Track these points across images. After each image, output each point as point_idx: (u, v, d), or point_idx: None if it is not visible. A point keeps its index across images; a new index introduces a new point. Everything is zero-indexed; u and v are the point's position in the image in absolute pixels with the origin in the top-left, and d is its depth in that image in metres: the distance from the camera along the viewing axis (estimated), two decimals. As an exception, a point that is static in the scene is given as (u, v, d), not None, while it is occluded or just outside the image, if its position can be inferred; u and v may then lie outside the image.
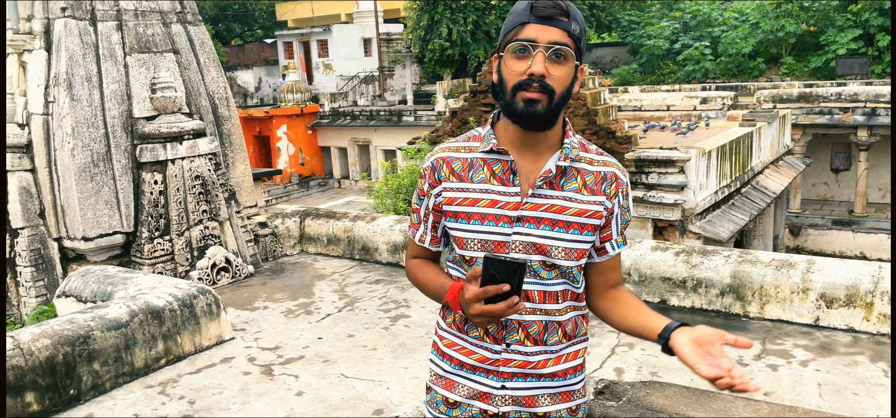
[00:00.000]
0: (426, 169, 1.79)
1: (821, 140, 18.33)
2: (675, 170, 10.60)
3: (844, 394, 3.73)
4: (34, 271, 5.70)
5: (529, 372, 1.74)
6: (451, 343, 1.80)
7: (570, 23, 1.62)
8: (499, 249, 1.68)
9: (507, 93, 1.64)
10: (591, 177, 1.72)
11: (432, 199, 1.78)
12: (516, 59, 1.62)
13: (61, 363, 4.27)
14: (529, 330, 1.72)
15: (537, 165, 1.70)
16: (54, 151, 5.72)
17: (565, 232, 1.69)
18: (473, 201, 1.70)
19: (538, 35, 1.60)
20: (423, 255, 1.90)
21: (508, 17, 1.68)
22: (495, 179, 1.69)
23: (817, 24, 22.82)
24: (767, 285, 4.73)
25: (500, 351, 1.73)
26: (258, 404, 4.20)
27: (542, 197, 1.68)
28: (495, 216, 1.68)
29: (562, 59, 1.62)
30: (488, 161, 1.71)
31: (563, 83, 1.63)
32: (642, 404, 3.09)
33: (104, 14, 5.85)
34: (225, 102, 6.68)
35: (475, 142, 1.75)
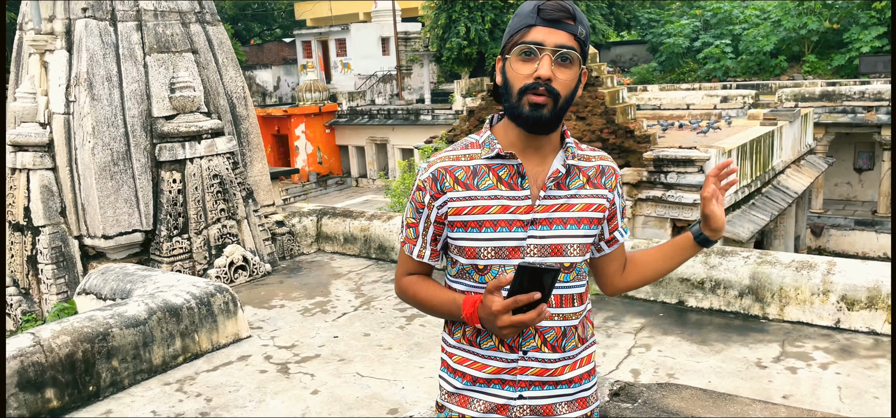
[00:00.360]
0: (425, 180, 1.74)
1: (844, 139, 18.08)
2: (694, 170, 10.50)
3: (865, 398, 3.67)
4: (55, 269, 5.77)
5: (547, 379, 1.73)
6: (462, 358, 1.77)
7: (576, 26, 1.62)
8: (513, 255, 1.67)
9: (512, 96, 1.62)
10: (593, 172, 1.74)
11: (434, 211, 1.73)
12: (522, 62, 1.61)
13: (81, 360, 4.31)
14: (546, 336, 1.71)
15: (543, 167, 1.70)
16: (75, 150, 5.78)
17: (577, 228, 1.70)
18: (484, 209, 1.67)
19: (545, 38, 1.59)
20: (420, 271, 1.84)
21: (514, 19, 1.66)
22: (503, 184, 1.67)
23: (841, 21, 22.52)
24: (787, 286, 4.67)
25: (515, 359, 1.71)
26: (274, 402, 4.22)
27: (552, 198, 1.69)
28: (508, 221, 1.66)
29: (568, 63, 1.61)
30: (494, 167, 1.69)
31: (569, 87, 1.63)
32: (658, 406, 3.07)
33: (124, 14, 5.91)
34: (243, 102, 6.72)
35: (475, 149, 1.72)
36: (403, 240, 1.83)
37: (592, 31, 23.60)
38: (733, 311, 4.93)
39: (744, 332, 4.63)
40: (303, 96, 25.87)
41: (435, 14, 23.94)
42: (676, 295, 5.19)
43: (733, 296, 4.92)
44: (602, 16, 24.72)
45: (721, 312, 4.97)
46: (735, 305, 4.91)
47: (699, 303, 5.08)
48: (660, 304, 5.25)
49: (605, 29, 24.91)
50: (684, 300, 5.15)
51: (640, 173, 10.87)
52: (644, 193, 10.89)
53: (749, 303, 4.85)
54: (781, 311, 4.71)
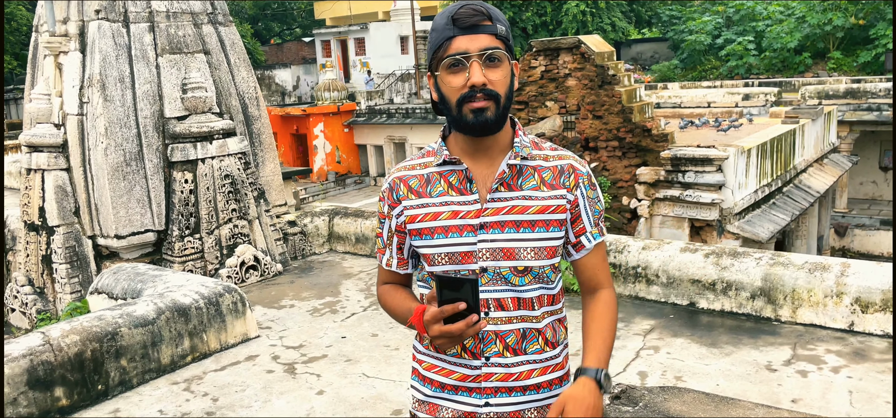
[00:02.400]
0: (384, 191, 1.78)
1: (869, 137, 17.75)
2: (712, 169, 10.37)
3: (877, 403, 3.59)
4: (69, 268, 5.84)
5: (512, 385, 1.70)
6: (431, 365, 1.77)
7: (494, 25, 1.62)
8: (466, 260, 1.66)
9: (452, 108, 1.64)
10: (549, 173, 1.71)
11: (394, 220, 1.76)
12: (452, 75, 1.61)
13: (90, 359, 4.36)
14: (507, 340, 1.69)
15: (492, 170, 1.69)
16: (88, 151, 5.85)
17: (531, 231, 1.67)
18: (435, 215, 1.68)
19: (468, 45, 1.59)
20: (393, 280, 1.86)
21: (431, 35, 1.66)
22: (453, 190, 1.69)
23: (866, 17, 22.11)
24: (800, 288, 4.58)
25: (479, 366, 1.69)
26: (279, 402, 4.23)
27: (501, 200, 1.67)
28: (458, 227, 1.66)
29: (497, 62, 1.62)
30: (444, 173, 1.70)
31: (505, 84, 1.63)
32: (659, 410, 3.02)
33: (137, 16, 5.96)
34: (255, 102, 6.75)
35: (429, 158, 1.75)
36: (377, 250, 1.88)
37: (613, 29, 23.44)
38: (745, 313, 4.85)
39: (755, 335, 4.55)
40: (321, 95, 25.99)
41: (453, 13, 23.89)
42: (687, 296, 5.12)
43: (745, 298, 4.84)
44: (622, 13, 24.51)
45: (732, 314, 4.90)
46: (747, 307, 4.83)
47: (710, 304, 5.01)
48: (671, 306, 5.18)
49: (625, 27, 24.70)
50: (695, 302, 5.08)
51: (657, 172, 10.76)
52: (661, 193, 10.78)
53: (761, 305, 4.77)
54: (794, 313, 4.62)
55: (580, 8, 21.96)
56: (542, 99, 11.85)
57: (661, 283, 5.24)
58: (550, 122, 11.77)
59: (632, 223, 11.05)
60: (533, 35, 22.46)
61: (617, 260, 5.45)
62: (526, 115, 12.08)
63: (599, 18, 22.76)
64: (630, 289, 5.41)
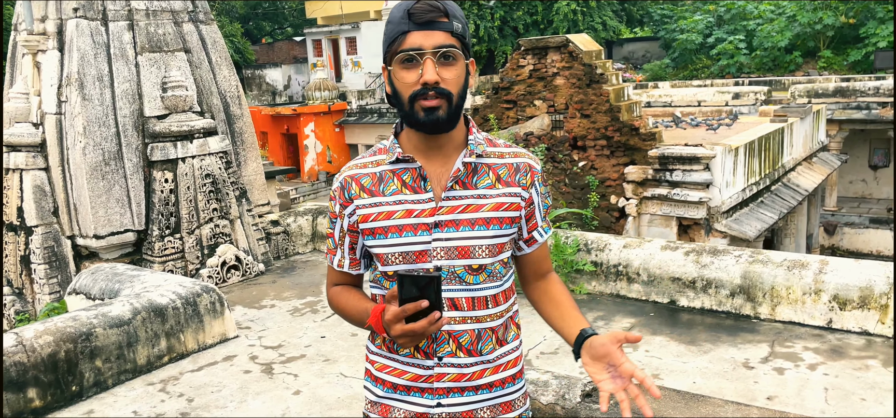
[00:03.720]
0: (335, 190, 1.75)
1: (858, 136, 17.80)
2: (700, 168, 10.37)
3: (851, 400, 3.58)
4: (48, 268, 5.80)
5: (464, 385, 1.68)
6: (383, 365, 1.75)
7: (451, 22, 1.59)
8: (421, 259, 1.64)
9: (404, 104, 1.61)
10: (504, 170, 1.69)
11: (346, 220, 1.73)
12: (405, 70, 1.59)
13: (63, 359, 4.32)
14: (461, 340, 1.67)
15: (446, 167, 1.67)
16: (67, 150, 5.80)
17: (486, 228, 1.65)
18: (389, 214, 1.66)
19: (422, 42, 1.56)
20: (345, 281, 1.83)
21: (387, 27, 1.63)
22: (407, 188, 1.66)
23: (857, 16, 22.16)
24: (779, 286, 4.57)
25: (432, 366, 1.67)
26: (255, 403, 4.20)
27: (456, 198, 1.65)
28: (413, 225, 1.64)
29: (451, 61, 1.59)
30: (397, 171, 1.68)
31: (458, 83, 1.61)
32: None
33: (115, 14, 5.92)
34: (237, 101, 6.71)
35: (381, 156, 1.72)
36: (326, 252, 1.84)
37: (604, 28, 23.44)
38: (725, 311, 4.84)
39: (734, 332, 4.54)
40: (312, 95, 25.91)
41: (444, 12, 23.85)
42: (668, 294, 5.11)
43: (725, 296, 4.83)
44: (613, 12, 24.52)
45: (712, 312, 4.89)
46: (726, 305, 4.82)
47: (691, 302, 4.99)
48: (651, 304, 5.17)
49: (616, 26, 24.71)
50: (676, 299, 5.07)
51: (645, 171, 10.76)
52: (649, 192, 10.78)
53: (740, 303, 4.76)
54: (773, 311, 4.62)
55: (571, 7, 21.95)
56: (531, 98, 11.84)
57: (642, 282, 5.22)
58: (539, 121, 11.75)
59: (620, 222, 11.04)
60: (524, 34, 22.45)
61: (598, 258, 5.43)
62: (514, 114, 12.07)
63: (590, 17, 22.76)
64: (611, 287, 5.39)
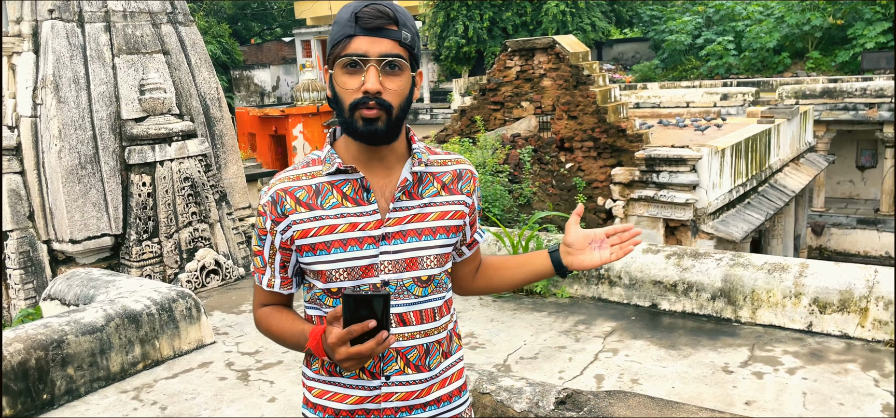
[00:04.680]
0: (265, 204, 1.63)
1: (846, 136, 17.86)
2: (686, 169, 10.37)
3: (830, 404, 3.54)
4: (23, 274, 5.71)
5: (413, 403, 1.62)
6: (322, 392, 1.65)
7: (400, 31, 1.52)
8: (367, 273, 1.57)
9: (344, 111, 1.54)
10: (448, 177, 1.66)
11: (278, 236, 1.63)
12: (347, 75, 1.51)
13: (34, 367, 4.24)
14: (409, 357, 1.60)
15: (390, 178, 1.60)
16: (42, 153, 5.72)
17: (433, 238, 1.60)
18: (330, 228, 1.57)
19: (368, 48, 1.49)
20: (274, 302, 1.72)
21: (333, 27, 1.56)
22: (348, 201, 1.58)
23: (845, 17, 22.24)
24: (759, 289, 4.54)
25: (378, 386, 1.60)
26: (229, 410, 4.14)
27: (403, 209, 1.59)
28: (358, 239, 1.56)
29: (396, 71, 1.52)
30: (336, 183, 1.59)
31: (401, 95, 1.54)
32: (603, 414, 2.96)
33: (92, 15, 5.84)
34: (217, 103, 6.64)
35: (317, 166, 1.63)
36: (253, 270, 1.73)
37: (593, 29, 23.44)
38: (706, 314, 4.80)
39: (714, 336, 4.51)
40: (301, 96, 25.79)
41: (433, 12, 23.82)
42: (650, 298, 5.07)
43: (706, 299, 4.80)
44: (603, 13, 24.53)
45: (693, 315, 4.85)
46: (707, 308, 4.79)
47: (672, 306, 4.96)
48: (633, 308, 5.13)
49: (606, 27, 24.70)
50: (657, 303, 5.03)
51: (632, 173, 10.75)
52: (636, 193, 10.76)
53: (721, 306, 4.73)
54: (754, 314, 4.59)
55: (560, 8, 21.94)
56: (518, 99, 11.80)
57: (623, 285, 5.19)
58: (526, 123, 11.72)
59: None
60: (513, 35, 22.42)
61: (580, 261, 5.39)
62: (501, 116, 12.03)
63: (580, 18, 22.75)
64: (593, 290, 5.35)
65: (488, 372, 3.37)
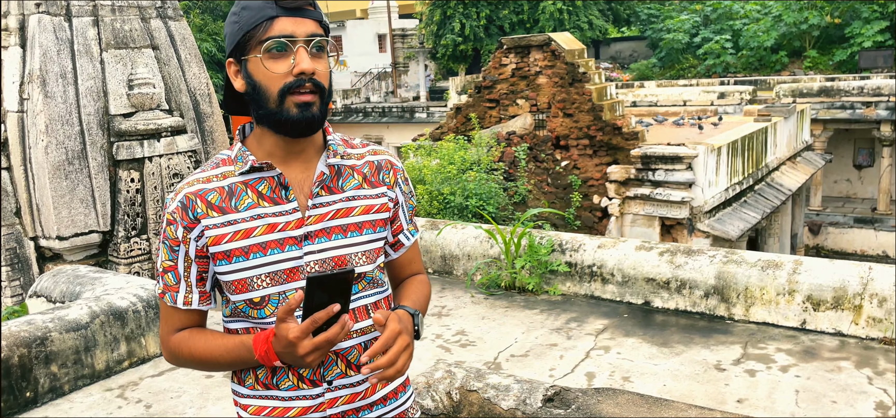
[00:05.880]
0: (174, 211, 1.47)
1: (843, 135, 17.83)
2: (682, 167, 10.32)
3: (822, 402, 3.49)
4: (10, 270, 5.65)
5: (359, 405, 1.55)
6: (260, 408, 1.52)
7: (318, 11, 1.46)
8: (292, 277, 1.46)
9: (271, 99, 1.43)
10: (368, 169, 1.57)
11: (192, 245, 1.48)
12: (274, 60, 1.42)
13: (17, 365, 4.17)
14: (349, 357, 1.52)
15: (308, 173, 1.51)
16: (29, 149, 5.66)
17: (359, 234, 1.51)
18: (247, 232, 1.45)
19: (294, 29, 1.41)
20: (191, 323, 1.54)
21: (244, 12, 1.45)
22: (264, 200, 1.47)
23: (842, 16, 22.22)
24: (752, 286, 4.49)
25: (321, 393, 1.50)
26: (215, 408, 4.08)
27: (324, 205, 1.49)
28: (278, 241, 1.46)
29: (321, 53, 1.45)
30: (251, 182, 1.48)
31: (327, 77, 1.47)
32: (591, 412, 2.91)
33: (79, 9, 5.78)
34: (207, 99, 6.58)
35: (227, 166, 1.50)
36: (161, 291, 1.53)
37: (590, 27, 23.40)
38: (699, 312, 4.75)
39: (707, 334, 4.45)
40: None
41: (430, 10, 23.77)
42: (643, 295, 5.02)
43: (699, 297, 4.74)
44: (600, 12, 24.48)
45: (686, 313, 4.80)
46: (700, 306, 4.74)
47: (665, 303, 4.90)
48: (626, 305, 5.07)
49: (603, 25, 24.67)
50: (650, 300, 4.98)
51: (627, 171, 10.70)
52: (632, 191, 10.71)
53: (715, 304, 4.67)
54: (747, 312, 4.53)
55: (557, 6, 21.90)
56: (514, 97, 11.75)
57: (616, 282, 5.13)
58: (521, 120, 11.67)
59: (602, 222, 10.97)
60: (510, 33, 22.38)
61: (573, 258, 5.34)
62: (497, 113, 11.97)
63: (577, 17, 22.71)
64: (585, 288, 5.30)
65: (476, 370, 3.31)
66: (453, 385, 3.18)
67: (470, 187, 9.03)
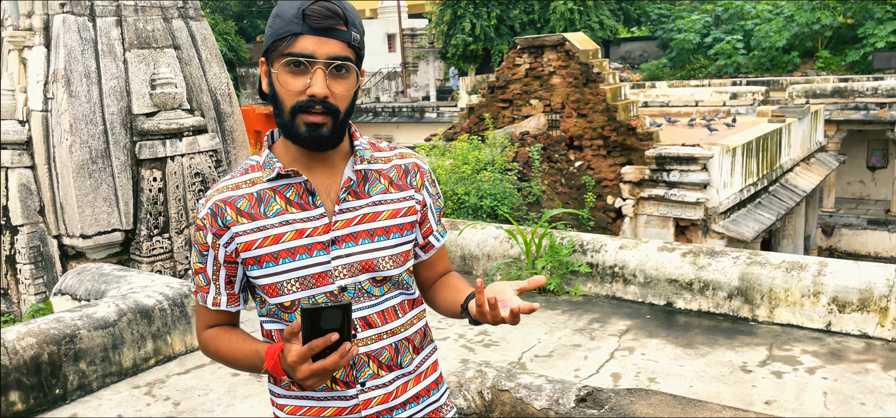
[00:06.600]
0: (204, 218, 1.52)
1: (856, 136, 17.75)
2: (697, 168, 10.30)
3: (851, 404, 3.49)
4: (33, 268, 5.70)
5: (392, 404, 1.56)
6: (296, 408, 1.55)
7: (349, 31, 1.44)
8: (321, 281, 1.49)
9: (285, 112, 1.45)
10: (394, 173, 1.57)
11: (221, 250, 1.52)
12: (291, 76, 1.42)
13: (46, 362, 4.22)
14: (381, 359, 1.54)
15: (334, 179, 1.52)
16: (53, 148, 5.70)
17: (386, 238, 1.52)
18: (276, 238, 1.48)
19: (315, 49, 1.40)
20: (221, 322, 1.60)
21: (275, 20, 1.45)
22: (293, 206, 1.49)
23: (855, 16, 22.12)
24: (777, 288, 4.49)
25: (355, 394, 1.53)
26: (242, 406, 4.11)
27: (350, 210, 1.51)
28: (306, 246, 1.48)
29: (344, 73, 1.44)
30: (279, 188, 1.50)
31: (347, 99, 1.47)
32: (625, 412, 2.92)
33: (103, 9, 5.82)
34: (227, 99, 6.62)
35: (256, 173, 1.53)
36: (194, 290, 1.61)
37: (600, 27, 23.37)
38: (722, 313, 4.75)
39: (731, 335, 4.46)
40: (309, 95, 25.75)
41: (440, 10, 23.77)
42: (665, 296, 5.02)
43: (722, 298, 4.74)
44: (611, 12, 24.45)
45: (709, 314, 4.80)
46: (724, 307, 4.74)
47: (687, 304, 4.91)
48: (648, 306, 5.08)
49: (613, 25, 24.63)
50: (673, 302, 4.98)
51: (642, 171, 10.69)
52: (646, 192, 10.70)
53: (738, 305, 4.67)
54: (771, 313, 4.53)
55: (568, 6, 21.88)
56: (527, 97, 11.75)
57: (638, 283, 5.14)
58: (535, 120, 11.67)
59: (616, 222, 10.96)
60: (520, 33, 22.37)
61: (594, 259, 5.35)
62: (510, 113, 11.98)
63: (587, 16, 22.69)
64: (607, 288, 5.30)
65: (506, 369, 3.33)
66: (485, 384, 3.20)
67: (484, 187, 9.05)
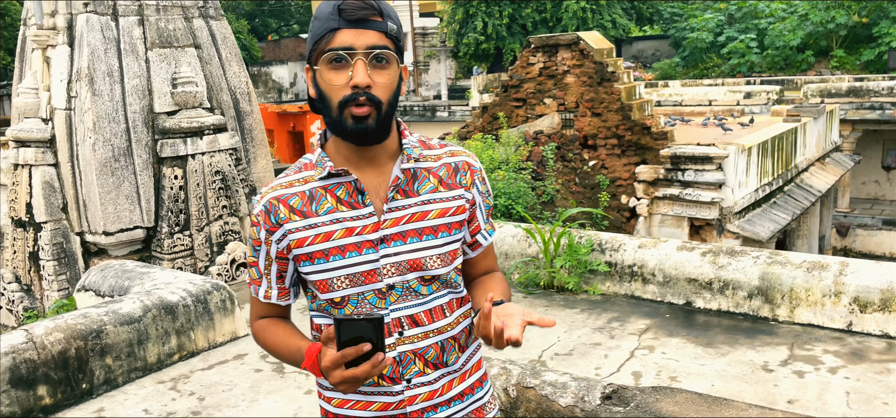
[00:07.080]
0: (259, 214, 1.58)
1: (871, 136, 17.64)
2: (712, 167, 10.28)
3: (874, 404, 3.50)
4: (56, 265, 5.77)
5: (437, 401, 1.59)
6: (343, 401, 1.59)
7: (385, 22, 1.48)
8: (369, 279, 1.52)
9: (332, 110, 1.48)
10: (444, 172, 1.59)
11: (274, 246, 1.58)
12: (334, 71, 1.46)
13: (74, 357, 4.28)
14: (427, 356, 1.57)
15: (383, 177, 1.55)
16: (76, 146, 5.77)
17: (434, 237, 1.55)
18: (327, 236, 1.52)
19: (353, 40, 1.45)
20: (272, 313, 1.67)
21: (314, 23, 1.50)
22: (343, 205, 1.53)
23: (870, 15, 21.96)
24: (797, 288, 4.49)
25: (401, 390, 1.56)
26: (267, 402, 4.15)
27: (399, 209, 1.54)
28: (356, 244, 1.51)
29: (384, 63, 1.48)
30: (330, 187, 1.54)
31: (390, 89, 1.50)
32: (651, 410, 2.94)
33: (126, 9, 5.88)
34: (246, 97, 6.67)
35: (309, 171, 1.57)
36: (249, 281, 1.68)
37: (613, 26, 23.32)
38: (742, 313, 4.76)
39: (752, 334, 4.46)
40: (321, 93, 25.80)
41: (452, 9, 23.79)
42: (684, 295, 5.03)
43: (742, 297, 4.75)
44: (623, 10, 24.39)
45: (729, 314, 4.81)
46: (744, 306, 4.74)
47: (707, 304, 4.92)
48: (667, 305, 5.09)
49: (626, 24, 24.58)
50: (692, 301, 4.99)
51: (656, 171, 10.68)
52: (661, 192, 10.69)
53: (758, 305, 4.68)
54: (792, 313, 4.53)
55: (580, 5, 21.85)
56: (541, 96, 11.76)
57: (657, 282, 5.15)
58: (549, 119, 11.68)
59: (630, 222, 10.96)
60: (532, 31, 22.36)
61: (613, 258, 5.36)
62: (524, 112, 11.99)
63: (600, 15, 22.65)
64: (626, 288, 5.32)
65: (531, 367, 3.36)
66: (509, 381, 3.23)
67: (499, 186, 9.06)
